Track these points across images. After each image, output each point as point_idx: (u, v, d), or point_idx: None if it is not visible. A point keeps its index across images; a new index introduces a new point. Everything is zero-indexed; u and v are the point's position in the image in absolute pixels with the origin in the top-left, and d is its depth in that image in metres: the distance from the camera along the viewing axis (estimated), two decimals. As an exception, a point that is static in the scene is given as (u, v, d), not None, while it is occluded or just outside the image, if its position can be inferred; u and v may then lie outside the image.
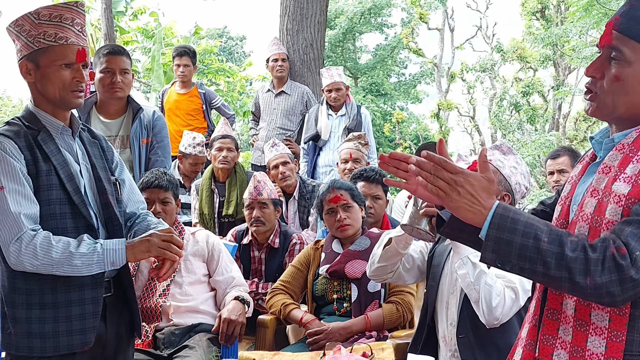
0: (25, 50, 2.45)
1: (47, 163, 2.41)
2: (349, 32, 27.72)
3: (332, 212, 3.73)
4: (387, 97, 28.99)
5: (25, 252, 2.29)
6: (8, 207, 2.28)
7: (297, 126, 7.28)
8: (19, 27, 2.45)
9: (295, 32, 7.78)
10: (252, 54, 31.46)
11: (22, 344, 2.39)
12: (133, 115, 4.21)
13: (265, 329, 3.72)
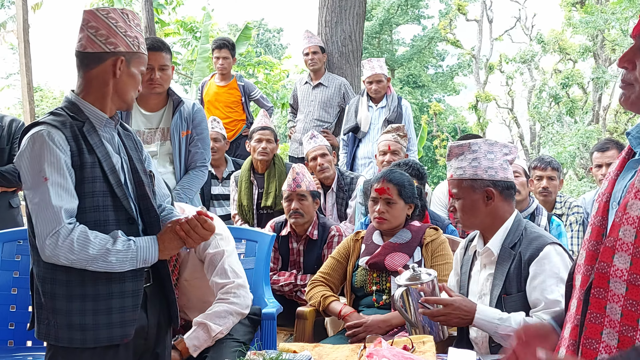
0: (123, 47, 2.47)
1: (92, 155, 2.41)
2: (386, 23, 27.60)
3: (374, 201, 3.72)
4: (424, 89, 28.84)
5: (61, 246, 2.28)
6: (50, 199, 2.28)
7: (335, 118, 7.28)
8: (113, 20, 2.47)
9: (334, 24, 7.76)
10: (289, 46, 31.50)
11: (62, 335, 2.38)
12: (173, 108, 4.24)
13: (305, 321, 3.72)
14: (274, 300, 3.84)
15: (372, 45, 27.36)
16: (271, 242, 4.06)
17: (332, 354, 2.69)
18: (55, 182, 2.29)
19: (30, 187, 2.32)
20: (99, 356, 2.41)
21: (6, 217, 4.39)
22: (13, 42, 23.14)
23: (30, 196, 2.33)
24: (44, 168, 2.29)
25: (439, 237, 3.68)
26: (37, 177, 2.30)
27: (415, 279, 2.91)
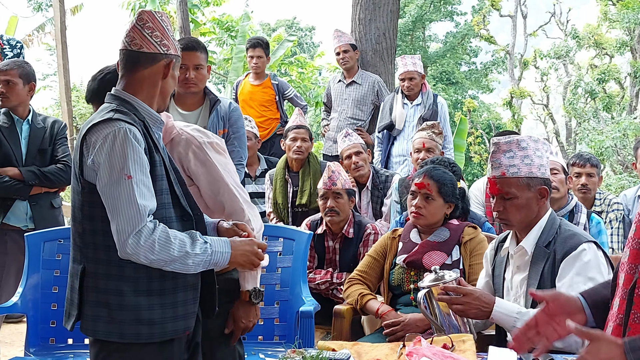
0: (172, 50, 2.51)
1: (158, 154, 2.43)
2: (419, 20, 27.48)
3: (412, 195, 3.70)
4: (457, 85, 28.66)
5: (143, 245, 2.27)
6: (135, 197, 2.27)
7: (368, 116, 7.27)
8: (165, 24, 2.51)
9: (368, 21, 7.74)
10: (321, 44, 31.52)
11: (128, 330, 2.38)
12: (210, 107, 4.26)
13: (342, 319, 3.72)
14: (312, 298, 3.85)
15: (404, 42, 27.24)
16: (308, 240, 4.07)
17: (371, 352, 2.68)
18: (139, 180, 2.30)
19: (108, 184, 2.29)
20: (159, 350, 2.44)
21: (48, 217, 4.45)
22: (49, 43, 23.45)
23: (108, 193, 2.30)
24: (128, 165, 2.28)
25: (477, 235, 3.65)
26: (119, 174, 2.28)
27: (438, 281, 2.90)
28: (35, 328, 3.93)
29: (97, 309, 2.40)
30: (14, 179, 4.35)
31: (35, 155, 4.46)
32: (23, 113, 4.53)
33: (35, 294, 3.95)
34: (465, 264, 3.57)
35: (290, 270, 4.02)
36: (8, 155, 4.41)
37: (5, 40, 7.06)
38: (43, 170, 4.41)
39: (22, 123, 4.50)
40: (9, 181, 4.29)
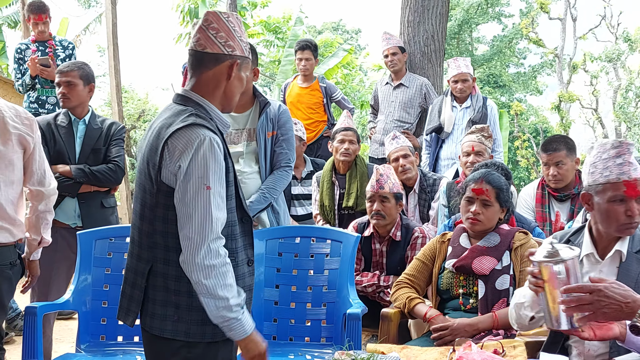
0: (239, 51, 2.51)
1: (229, 160, 2.46)
2: (465, 23, 27.29)
3: (469, 201, 3.66)
4: (504, 88, 28.38)
5: (202, 263, 2.30)
6: (210, 209, 2.30)
7: (416, 119, 7.23)
8: (232, 24, 2.51)
9: (417, 24, 7.70)
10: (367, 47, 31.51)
11: (194, 330, 2.42)
12: (260, 109, 4.29)
13: (389, 322, 3.70)
14: (359, 300, 3.84)
15: (450, 45, 27.08)
16: (356, 242, 4.06)
17: (421, 356, 2.67)
18: (216, 192, 2.32)
19: (186, 192, 2.31)
20: (222, 347, 2.49)
21: (97, 216, 4.51)
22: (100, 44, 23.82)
23: (184, 200, 2.32)
24: (209, 176, 2.30)
25: (528, 241, 3.61)
26: (198, 182, 2.30)
27: (554, 257, 2.46)
28: (86, 325, 4.00)
29: (165, 308, 2.43)
30: (64, 176, 4.43)
31: (89, 155, 4.53)
32: (81, 113, 4.61)
33: (86, 291, 4.02)
34: (515, 270, 3.53)
35: (337, 272, 4.03)
36: (62, 153, 4.49)
37: (57, 41, 7.21)
38: (92, 169, 4.48)
39: (78, 123, 4.58)
40: (59, 178, 4.36)
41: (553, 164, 4.85)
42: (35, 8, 7.02)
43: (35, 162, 3.61)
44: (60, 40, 7.28)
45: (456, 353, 2.55)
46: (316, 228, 4.89)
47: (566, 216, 4.92)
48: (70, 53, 7.20)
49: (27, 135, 3.53)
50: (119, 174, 4.60)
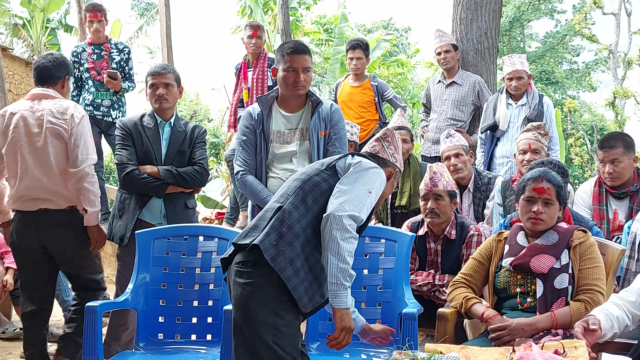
0: None
1: None
2: (517, 20, 26.93)
3: (530, 201, 3.61)
4: (557, 85, 27.94)
5: (344, 224, 2.76)
6: (365, 201, 2.88)
7: (469, 117, 7.17)
8: None
9: (469, 21, 7.63)
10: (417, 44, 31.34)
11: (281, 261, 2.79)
12: (312, 108, 4.31)
13: (446, 322, 3.67)
14: (415, 300, 3.82)
15: (502, 42, 26.74)
16: (410, 242, 4.05)
17: (480, 356, 2.65)
18: (371, 200, 2.93)
19: (354, 182, 2.92)
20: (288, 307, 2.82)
21: (182, 217, 4.57)
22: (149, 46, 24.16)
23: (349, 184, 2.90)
24: (374, 186, 2.95)
25: (587, 239, 3.54)
26: (366, 183, 2.94)
27: None
28: (144, 323, 4.07)
29: (272, 231, 2.84)
30: (151, 176, 4.51)
31: (174, 156, 4.60)
32: (169, 115, 4.68)
33: (145, 290, 4.08)
34: (574, 268, 3.47)
35: (392, 272, 4.01)
36: (149, 154, 4.58)
37: (113, 44, 7.34)
38: (180, 170, 4.54)
39: (164, 125, 4.66)
40: (147, 178, 4.47)
41: (609, 161, 4.77)
42: (91, 7, 7.21)
43: (70, 149, 4.42)
44: (115, 43, 7.41)
45: (516, 353, 2.52)
46: (370, 227, 4.87)
47: (624, 214, 4.83)
48: (127, 56, 7.33)
49: (62, 129, 4.42)
50: (204, 175, 4.67)
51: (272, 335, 2.74)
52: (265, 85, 7.27)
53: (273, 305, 2.77)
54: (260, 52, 7.37)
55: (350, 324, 2.82)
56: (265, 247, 2.78)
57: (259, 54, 7.36)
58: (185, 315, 4.11)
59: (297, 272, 2.78)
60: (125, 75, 7.23)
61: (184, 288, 4.13)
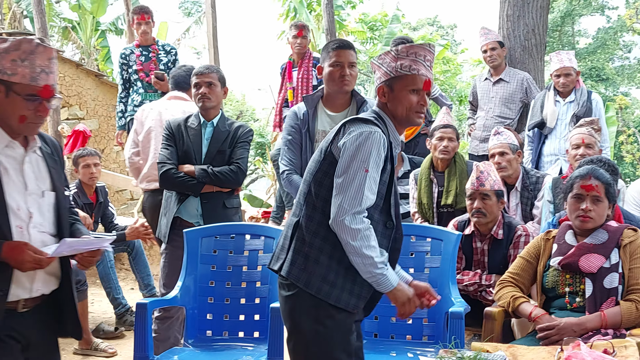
0: (383, 77, 2.87)
1: (390, 163, 2.82)
2: (567, 15, 26.50)
3: (578, 198, 3.56)
4: (608, 82, 27.43)
5: (352, 229, 2.65)
6: (363, 186, 2.68)
7: (517, 114, 7.09)
8: (381, 60, 2.89)
9: (516, 17, 7.55)
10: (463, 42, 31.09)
11: (314, 282, 2.76)
12: (357, 107, 4.31)
13: (493, 321, 3.65)
14: (461, 299, 3.81)
15: (552, 38, 26.35)
16: (457, 241, 4.03)
17: (527, 355, 2.63)
18: (372, 176, 2.71)
19: (348, 167, 2.71)
20: (330, 312, 2.77)
21: (219, 216, 4.59)
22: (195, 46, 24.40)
23: (345, 173, 2.71)
24: (369, 162, 2.70)
25: (638, 238, 3.49)
26: (360, 164, 2.70)
27: None
28: (193, 320, 4.12)
29: (297, 256, 2.80)
30: (188, 175, 4.57)
31: (214, 156, 4.64)
32: (213, 114, 4.73)
33: (193, 287, 4.14)
34: (624, 267, 3.42)
35: (438, 271, 4.00)
36: (189, 153, 4.65)
37: (160, 45, 7.45)
38: (215, 170, 4.57)
39: (207, 124, 4.71)
40: (183, 177, 4.53)
41: None
42: (138, 9, 7.32)
43: None
44: (162, 45, 7.52)
45: (564, 353, 2.49)
46: (416, 226, 4.87)
47: (677, 212, 4.73)
48: (174, 58, 7.42)
49: None
50: (239, 175, 4.65)
51: (318, 342, 2.77)
52: (310, 84, 7.30)
53: (314, 313, 2.78)
54: (305, 52, 7.40)
55: (406, 295, 2.77)
56: (295, 277, 2.78)
57: (303, 54, 7.39)
58: (232, 312, 4.15)
59: (334, 284, 2.75)
60: (172, 77, 7.33)
61: (232, 286, 4.17)
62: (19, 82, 2.59)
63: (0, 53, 2.57)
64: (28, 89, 2.61)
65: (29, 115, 2.63)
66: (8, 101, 2.61)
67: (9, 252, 2.55)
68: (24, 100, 2.61)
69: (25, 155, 2.72)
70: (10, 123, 2.65)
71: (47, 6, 11.75)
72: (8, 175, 2.63)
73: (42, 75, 2.62)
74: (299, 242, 2.82)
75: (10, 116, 2.63)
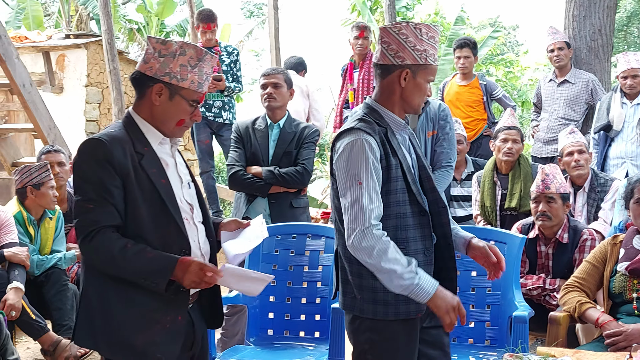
0: (410, 60, 2.66)
1: (395, 157, 2.67)
2: (634, 15, 25.85)
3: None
4: (677, 83, 26.58)
5: (364, 247, 2.54)
6: (362, 201, 2.56)
7: (582, 116, 6.96)
8: (404, 36, 2.66)
9: (582, 18, 7.40)
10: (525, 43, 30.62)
11: (367, 308, 2.69)
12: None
13: (558, 326, 3.60)
14: (525, 303, 3.76)
15: (617, 38, 25.71)
16: (521, 244, 3.98)
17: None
18: (368, 186, 2.58)
19: (344, 189, 2.63)
20: (398, 327, 2.70)
21: (286, 216, 4.66)
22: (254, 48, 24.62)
23: (343, 196, 2.63)
24: (360, 173, 2.59)
25: None
26: (352, 179, 2.60)
27: None
28: (254, 319, 4.16)
29: (345, 285, 2.77)
30: (256, 177, 4.64)
31: (281, 158, 4.71)
32: (280, 116, 4.80)
33: (254, 286, 4.17)
34: (696, 274, 3.33)
35: (502, 274, 3.94)
36: (256, 155, 4.74)
37: (222, 47, 7.54)
38: (281, 171, 4.64)
39: (274, 126, 4.78)
40: (251, 178, 4.63)
41: None
42: (205, 17, 7.37)
43: None
44: (225, 46, 7.60)
45: (633, 359, 2.44)
46: (478, 229, 4.82)
47: None
48: (235, 59, 7.50)
49: None
50: (305, 176, 4.72)
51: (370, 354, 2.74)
52: (371, 86, 7.29)
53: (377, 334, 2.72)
54: (367, 53, 7.41)
55: (449, 304, 2.58)
56: (349, 307, 2.76)
57: (365, 55, 7.40)
58: (293, 312, 4.18)
59: (386, 302, 2.66)
60: (233, 77, 7.40)
61: (293, 285, 4.20)
62: (187, 88, 2.61)
63: (167, 56, 2.58)
64: (194, 94, 2.63)
65: (187, 120, 2.66)
66: (171, 104, 2.62)
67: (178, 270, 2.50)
68: (188, 105, 2.63)
69: (173, 150, 2.76)
70: (167, 125, 2.66)
71: (113, 8, 12.00)
72: (170, 170, 2.66)
73: (205, 83, 2.66)
74: (342, 272, 2.78)
75: (170, 119, 2.65)
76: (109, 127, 2.67)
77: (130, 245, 2.47)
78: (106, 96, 10.92)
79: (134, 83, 2.65)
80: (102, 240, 2.45)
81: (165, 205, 2.57)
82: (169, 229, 2.58)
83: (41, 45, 10.72)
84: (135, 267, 2.47)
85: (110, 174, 2.47)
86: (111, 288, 2.53)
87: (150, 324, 2.54)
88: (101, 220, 2.46)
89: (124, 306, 2.52)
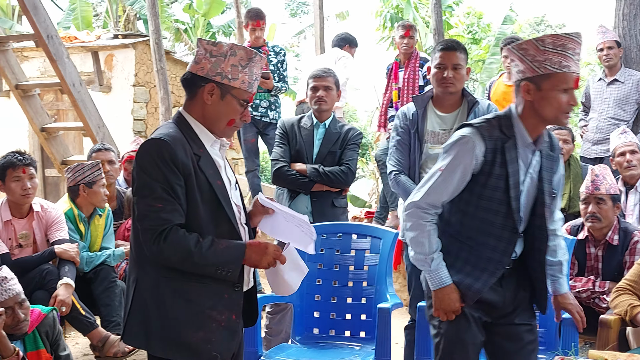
0: (529, 72, 2.70)
1: (502, 168, 2.77)
2: (685, 13, 25.30)
3: None
4: None
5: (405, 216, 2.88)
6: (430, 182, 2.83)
7: (632, 116, 6.83)
8: (523, 51, 2.70)
9: (633, 16, 7.25)
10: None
11: None
12: (468, 108, 4.23)
13: (609, 330, 3.55)
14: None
15: (668, 37, 25.22)
16: (570, 246, 4.00)
17: (648, 366, 2.53)
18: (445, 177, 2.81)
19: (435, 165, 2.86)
20: None
21: (327, 214, 4.68)
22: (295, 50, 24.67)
23: None
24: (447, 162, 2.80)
25: None
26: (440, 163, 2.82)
27: None
28: (300, 318, 4.18)
29: None
30: (300, 173, 4.67)
31: (325, 156, 4.74)
32: (326, 116, 4.83)
33: (300, 285, 4.16)
34: None
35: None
36: (301, 152, 4.78)
37: (270, 47, 7.57)
38: (326, 169, 4.67)
39: (319, 126, 4.82)
40: (295, 175, 4.66)
41: None
42: (254, 14, 7.41)
43: None
44: (272, 46, 7.64)
45: (690, 365, 2.39)
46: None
47: None
48: (282, 59, 7.53)
49: None
50: (349, 176, 4.75)
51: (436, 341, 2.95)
52: (416, 85, 7.25)
53: None
54: (412, 52, 7.36)
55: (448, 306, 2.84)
56: None
57: (410, 54, 7.35)
58: (339, 311, 4.18)
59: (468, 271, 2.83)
60: (280, 77, 7.43)
61: (338, 285, 4.21)
62: (238, 87, 2.64)
63: (219, 57, 2.60)
64: (245, 94, 2.66)
65: (237, 120, 2.68)
66: (223, 104, 2.64)
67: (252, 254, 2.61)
68: (238, 104, 2.66)
69: (222, 152, 2.78)
70: (218, 124, 2.68)
71: (160, 8, 12.13)
72: (223, 171, 2.69)
73: (255, 83, 2.69)
74: None
75: (221, 118, 2.67)
76: (163, 126, 2.68)
77: (202, 240, 2.51)
78: (153, 95, 11.05)
79: (185, 84, 2.67)
80: (176, 238, 2.48)
81: (221, 206, 2.60)
82: (224, 229, 2.61)
83: (90, 45, 10.88)
84: (212, 259, 2.51)
85: (175, 174, 2.50)
86: (166, 287, 2.55)
87: (206, 322, 2.57)
88: (172, 218, 2.49)
89: (180, 305, 2.55)
